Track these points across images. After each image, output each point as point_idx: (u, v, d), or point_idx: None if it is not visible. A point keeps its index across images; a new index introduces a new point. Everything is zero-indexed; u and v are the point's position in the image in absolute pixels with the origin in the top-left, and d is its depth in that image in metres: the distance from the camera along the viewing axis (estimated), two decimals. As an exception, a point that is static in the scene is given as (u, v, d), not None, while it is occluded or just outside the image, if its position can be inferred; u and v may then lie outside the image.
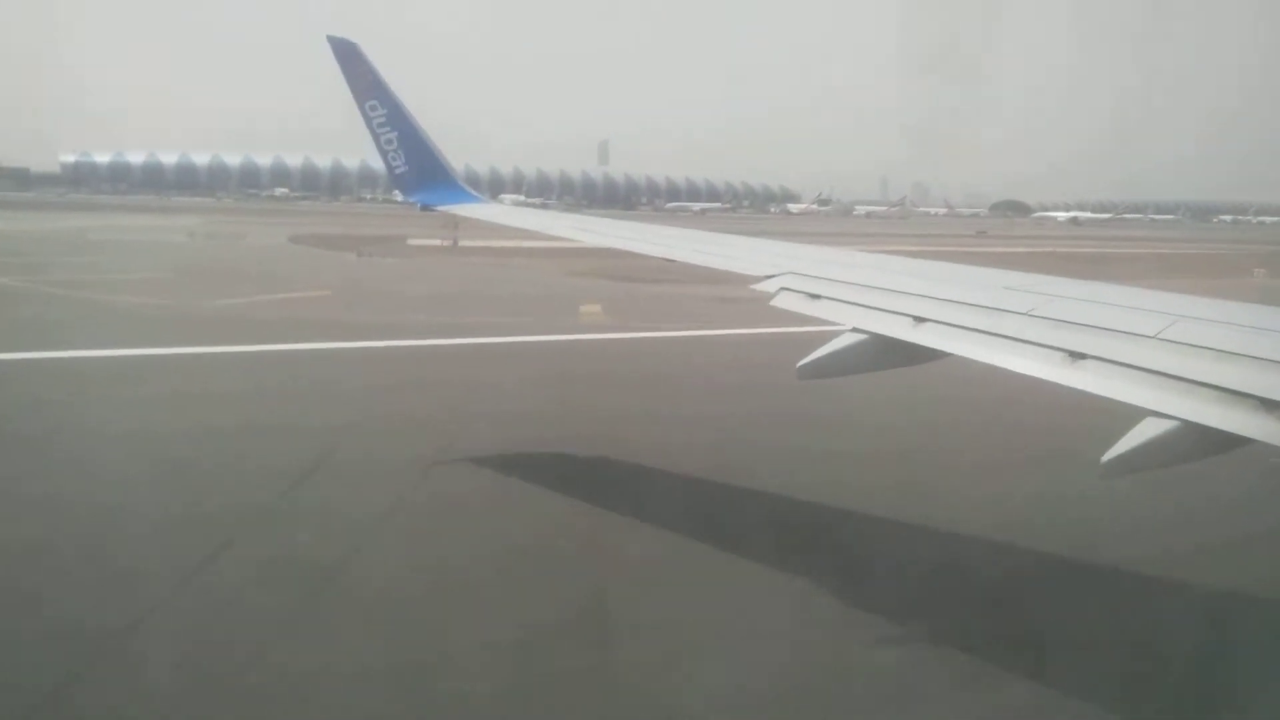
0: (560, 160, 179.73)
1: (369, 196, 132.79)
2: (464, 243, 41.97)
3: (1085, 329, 4.93)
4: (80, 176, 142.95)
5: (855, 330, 5.82)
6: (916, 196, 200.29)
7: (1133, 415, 4.22)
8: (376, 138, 9.13)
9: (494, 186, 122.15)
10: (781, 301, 6.36)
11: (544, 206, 72.58)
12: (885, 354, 5.75)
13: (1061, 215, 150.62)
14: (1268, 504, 8.25)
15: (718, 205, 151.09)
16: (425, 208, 9.65)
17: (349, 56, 8.99)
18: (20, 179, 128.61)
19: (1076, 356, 4.75)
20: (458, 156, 9.98)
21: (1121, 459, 4.21)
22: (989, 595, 6.92)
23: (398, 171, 9.25)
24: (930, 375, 6.24)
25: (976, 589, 7.06)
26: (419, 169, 9.37)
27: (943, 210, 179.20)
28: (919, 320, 5.57)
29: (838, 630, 6.32)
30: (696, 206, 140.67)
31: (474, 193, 9.90)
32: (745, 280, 6.81)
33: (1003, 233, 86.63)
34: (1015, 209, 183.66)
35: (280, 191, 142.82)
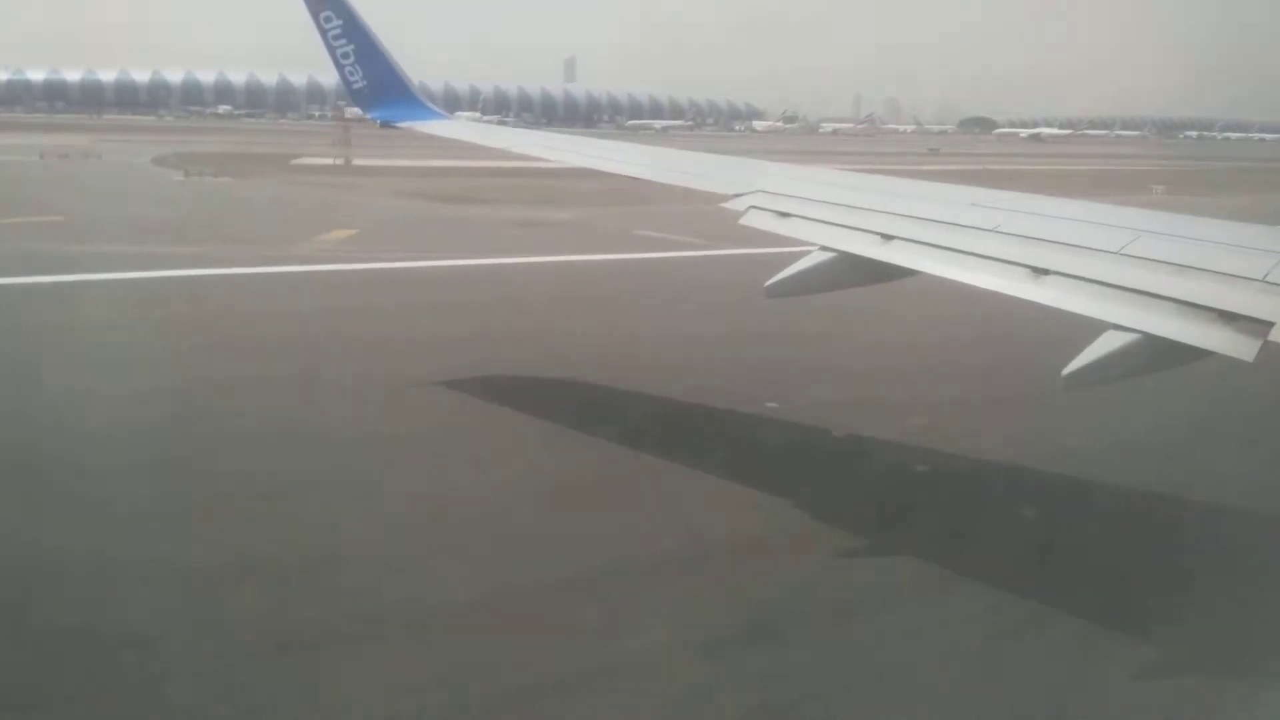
0: (523, 77, 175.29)
1: (317, 114, 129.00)
2: (364, 161, 40.65)
3: (1049, 245, 5.00)
4: (13, 95, 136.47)
5: (824, 249, 5.86)
6: (888, 113, 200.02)
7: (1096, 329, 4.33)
8: (332, 51, 8.76)
9: (449, 103, 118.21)
10: (751, 220, 6.35)
11: (500, 124, 70.89)
12: (854, 272, 5.80)
13: (1024, 132, 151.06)
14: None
15: (680, 123, 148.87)
16: (385, 124, 9.37)
17: None
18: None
19: (1040, 272, 4.83)
20: (411, 72, 9.62)
21: (1082, 372, 4.33)
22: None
23: (355, 86, 8.93)
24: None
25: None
26: (377, 84, 9.03)
27: (911, 127, 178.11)
28: (887, 238, 5.60)
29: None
30: (659, 124, 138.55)
31: (435, 109, 9.61)
32: (714, 198, 6.79)
33: (960, 150, 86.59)
34: (983, 125, 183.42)
35: (224, 109, 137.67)
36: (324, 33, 8.71)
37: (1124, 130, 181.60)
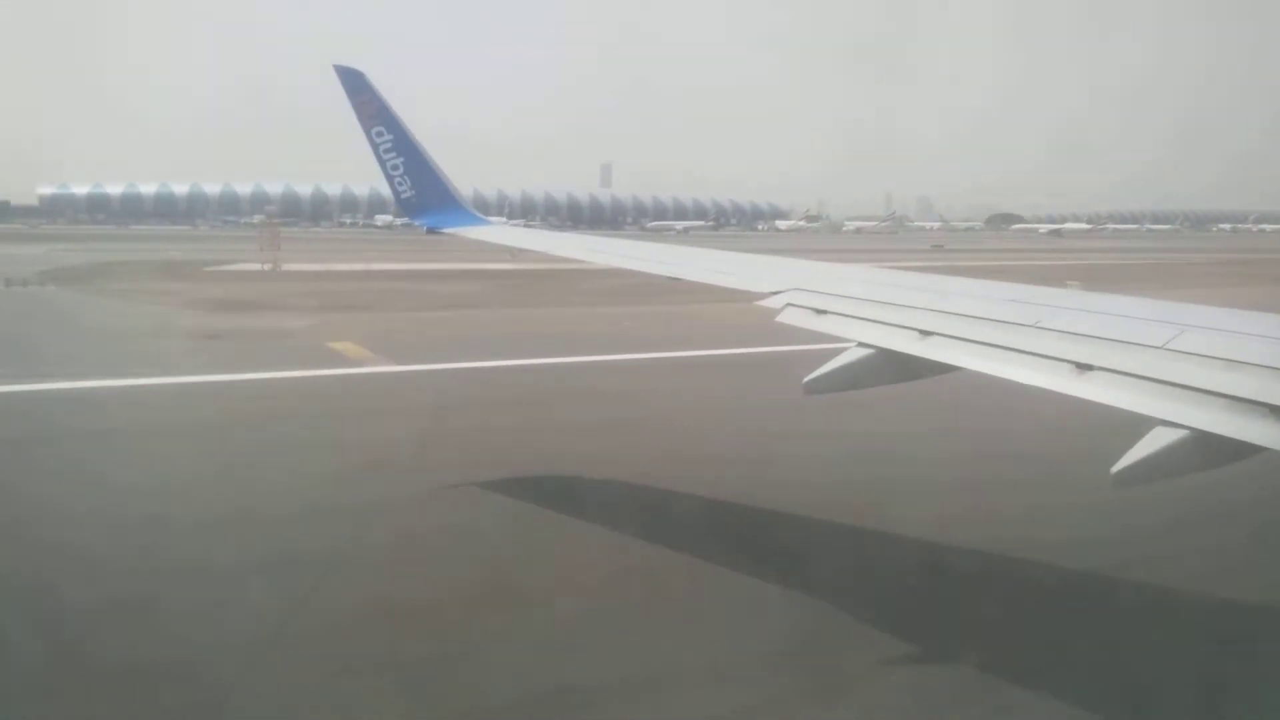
0: (564, 182, 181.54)
1: (349, 221, 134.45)
2: (297, 266, 41.02)
3: (1092, 340, 5.00)
4: (58, 208, 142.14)
5: (861, 345, 5.89)
6: (920, 211, 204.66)
7: (1145, 425, 4.29)
8: (383, 163, 9.25)
9: (478, 209, 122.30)
10: (787, 318, 6.41)
11: (527, 227, 72.72)
12: (892, 368, 5.82)
13: (1044, 228, 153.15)
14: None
15: (701, 224, 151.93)
16: (431, 231, 9.75)
17: (355, 85, 9.10)
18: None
19: (1084, 368, 4.82)
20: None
21: (1131, 469, 4.27)
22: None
23: (404, 196, 9.39)
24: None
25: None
26: (424, 193, 9.51)
27: (936, 225, 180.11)
28: (925, 334, 5.63)
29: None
30: (680, 225, 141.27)
31: (478, 215, 10.01)
32: (750, 297, 6.88)
33: (969, 246, 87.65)
34: (1008, 220, 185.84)
35: (258, 219, 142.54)
36: (375, 147, 9.20)
37: (1155, 224, 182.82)
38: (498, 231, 10.30)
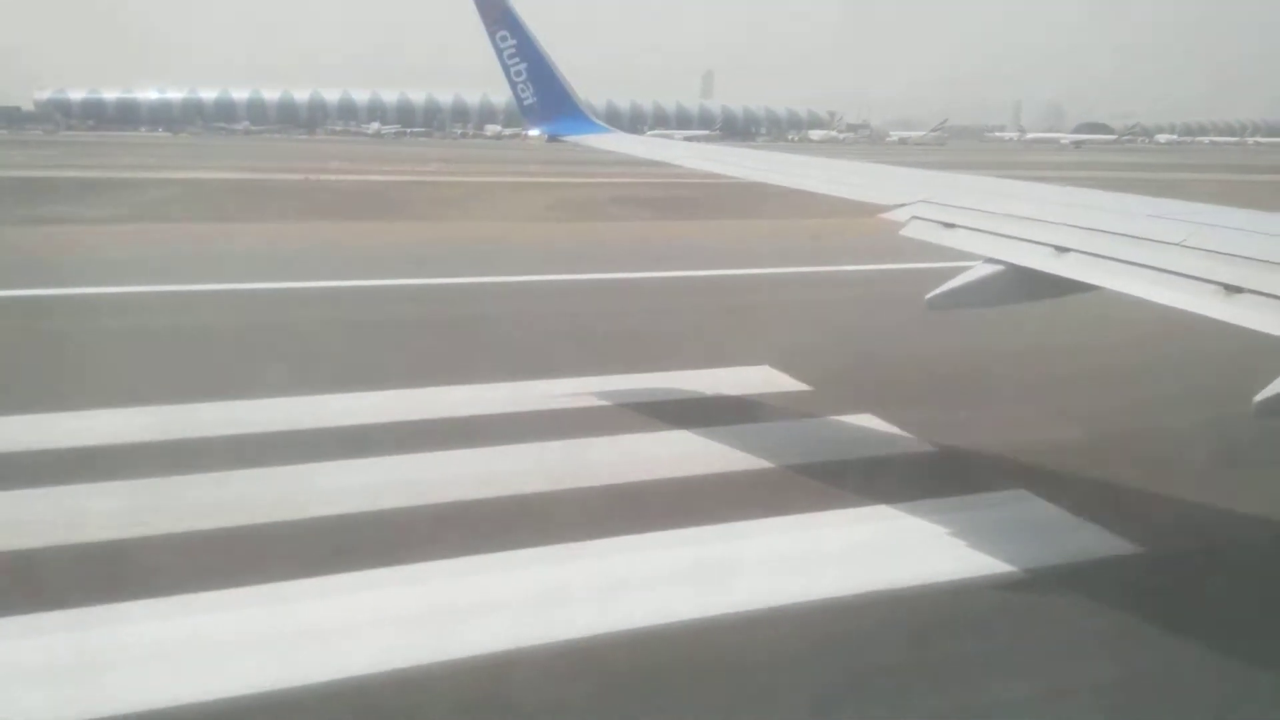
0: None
1: (339, 128, 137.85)
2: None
3: (1243, 261, 4.94)
4: (49, 114, 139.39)
5: (990, 261, 5.87)
6: (1049, 119, 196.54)
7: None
8: (506, 69, 9.26)
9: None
10: (913, 231, 6.38)
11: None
12: (1023, 285, 5.82)
13: (1065, 139, 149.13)
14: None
15: (705, 132, 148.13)
16: (553, 138, 9.71)
17: None
18: (11, 117, 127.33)
19: (1233, 290, 4.76)
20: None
21: (1275, 401, 4.26)
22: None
23: (526, 103, 9.39)
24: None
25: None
26: (545, 100, 9.50)
27: (1013, 135, 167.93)
28: (1061, 250, 5.60)
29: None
30: (680, 135, 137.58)
31: (600, 123, 9.91)
32: (873, 210, 6.82)
33: (973, 158, 79.84)
34: (1097, 131, 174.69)
35: (242, 125, 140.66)
36: (499, 51, 9.18)
37: (1218, 137, 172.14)
38: (617, 140, 10.21)
